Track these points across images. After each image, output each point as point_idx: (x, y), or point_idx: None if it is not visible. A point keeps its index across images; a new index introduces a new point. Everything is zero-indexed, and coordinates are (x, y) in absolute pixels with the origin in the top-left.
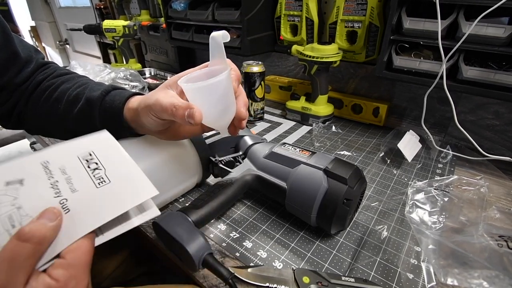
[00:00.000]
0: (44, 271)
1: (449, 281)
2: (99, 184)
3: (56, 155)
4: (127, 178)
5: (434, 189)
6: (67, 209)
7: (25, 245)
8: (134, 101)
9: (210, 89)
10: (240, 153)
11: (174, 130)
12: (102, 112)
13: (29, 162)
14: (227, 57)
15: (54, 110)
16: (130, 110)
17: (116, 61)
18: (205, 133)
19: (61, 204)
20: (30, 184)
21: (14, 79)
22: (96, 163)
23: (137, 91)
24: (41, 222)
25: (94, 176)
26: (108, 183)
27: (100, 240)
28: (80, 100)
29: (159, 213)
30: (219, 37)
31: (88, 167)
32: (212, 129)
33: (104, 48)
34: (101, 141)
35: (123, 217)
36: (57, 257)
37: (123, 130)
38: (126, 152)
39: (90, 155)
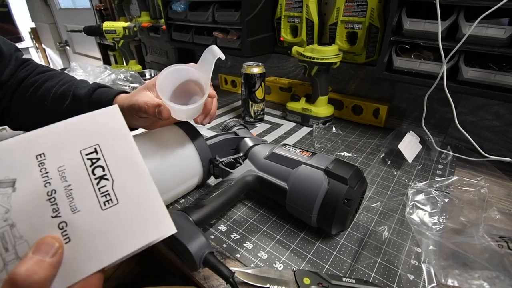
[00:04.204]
0: None
1: (450, 282)
2: (105, 204)
3: (53, 145)
4: (138, 200)
5: (435, 190)
6: (67, 237)
7: None
8: (120, 99)
9: (187, 111)
10: (241, 154)
11: (159, 125)
12: (92, 109)
13: (21, 152)
14: (227, 59)
15: (40, 106)
16: (119, 106)
17: (116, 63)
18: (205, 135)
19: (60, 229)
20: (24, 190)
21: (0, 76)
22: (102, 168)
23: (122, 90)
24: (37, 260)
25: (99, 189)
26: (115, 205)
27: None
28: (67, 98)
29: (175, 230)
30: (216, 51)
31: (93, 173)
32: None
33: (104, 49)
34: (110, 129)
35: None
36: None
37: None
38: (140, 154)
39: (95, 151)
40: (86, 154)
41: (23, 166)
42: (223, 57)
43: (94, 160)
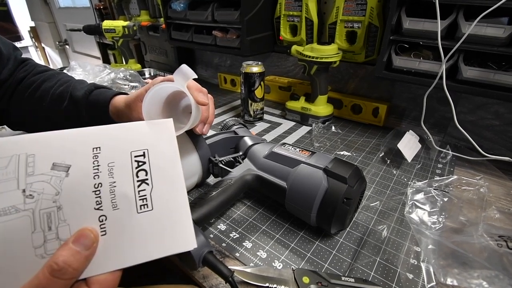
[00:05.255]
0: None
1: (449, 281)
2: (141, 208)
3: (110, 141)
4: (171, 211)
5: (434, 189)
6: (104, 231)
7: (57, 281)
8: (118, 102)
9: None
10: (240, 153)
11: None
12: (89, 110)
13: (81, 142)
14: (226, 58)
15: (39, 107)
16: (116, 108)
17: (115, 62)
18: (205, 134)
19: (100, 222)
20: (75, 178)
21: None
22: (146, 172)
23: (119, 91)
24: (75, 251)
25: (139, 192)
26: (150, 211)
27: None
28: (65, 99)
29: (195, 246)
30: (187, 72)
31: (137, 175)
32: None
33: (104, 48)
34: (161, 139)
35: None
36: (81, 280)
37: None
38: (181, 168)
39: (143, 155)
40: (135, 156)
41: (80, 155)
42: (195, 76)
43: (140, 163)
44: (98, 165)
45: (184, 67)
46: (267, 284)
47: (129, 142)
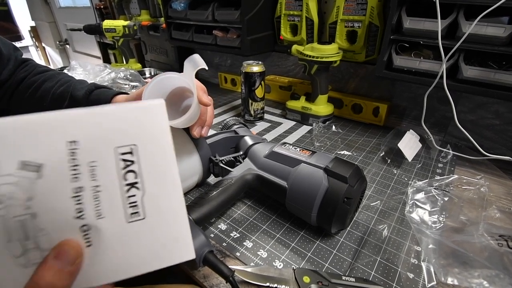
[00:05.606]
0: None
1: (449, 281)
2: (131, 217)
3: (89, 133)
4: (166, 220)
5: (434, 188)
6: (89, 242)
7: None
8: (119, 101)
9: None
10: (241, 153)
11: None
12: None
13: (52, 132)
14: (227, 58)
15: (39, 107)
16: None
17: (116, 61)
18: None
19: (83, 233)
20: (49, 180)
21: None
22: (135, 174)
23: (120, 90)
24: (57, 270)
25: (128, 198)
26: (142, 219)
27: None
28: (65, 99)
29: (194, 256)
30: (198, 60)
31: (124, 178)
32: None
33: (104, 48)
34: (152, 131)
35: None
36: None
37: None
38: (177, 168)
39: (131, 152)
40: (121, 154)
41: (52, 151)
42: (205, 67)
43: (128, 163)
44: (76, 165)
45: (196, 56)
46: (267, 284)
47: (113, 133)
